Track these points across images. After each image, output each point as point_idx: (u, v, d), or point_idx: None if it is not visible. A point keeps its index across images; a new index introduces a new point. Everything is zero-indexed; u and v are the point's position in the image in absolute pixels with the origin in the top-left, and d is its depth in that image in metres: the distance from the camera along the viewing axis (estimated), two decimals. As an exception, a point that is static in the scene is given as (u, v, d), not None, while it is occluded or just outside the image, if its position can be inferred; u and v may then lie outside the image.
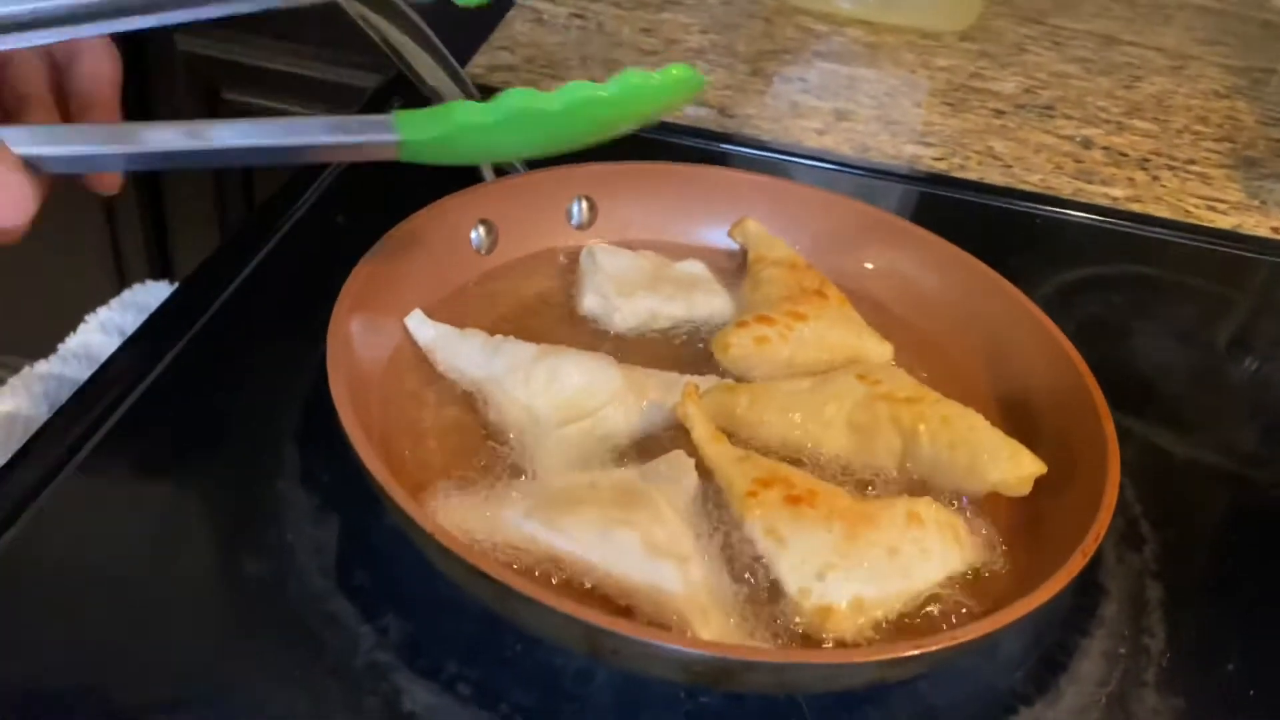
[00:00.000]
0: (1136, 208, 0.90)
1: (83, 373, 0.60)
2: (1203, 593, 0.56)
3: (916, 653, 0.41)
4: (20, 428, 0.59)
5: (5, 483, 0.50)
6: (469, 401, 0.57)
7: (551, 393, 0.56)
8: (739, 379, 0.61)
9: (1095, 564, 0.55)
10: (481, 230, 0.65)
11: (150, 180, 1.47)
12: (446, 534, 0.43)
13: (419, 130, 0.49)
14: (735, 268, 0.70)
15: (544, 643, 0.47)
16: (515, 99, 0.49)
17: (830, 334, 0.62)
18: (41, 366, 0.66)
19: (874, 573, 0.48)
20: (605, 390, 0.57)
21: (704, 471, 0.53)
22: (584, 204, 0.69)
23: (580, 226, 0.69)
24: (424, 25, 0.75)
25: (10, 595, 0.47)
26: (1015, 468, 0.54)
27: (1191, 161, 0.98)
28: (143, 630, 0.46)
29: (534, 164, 0.68)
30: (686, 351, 0.63)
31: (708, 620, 0.46)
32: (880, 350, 0.63)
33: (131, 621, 0.46)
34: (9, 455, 0.52)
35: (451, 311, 0.62)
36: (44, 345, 0.69)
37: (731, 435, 0.56)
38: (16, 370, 0.64)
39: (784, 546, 0.49)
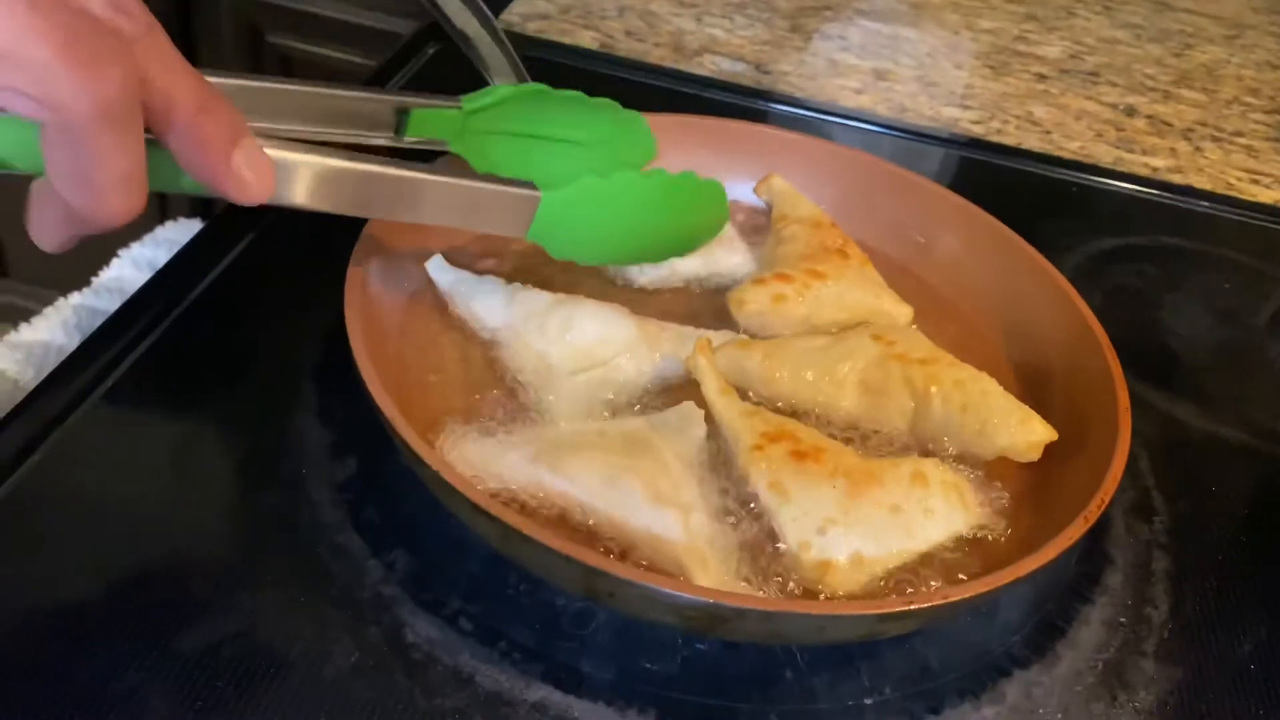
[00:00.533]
0: (1177, 179, 0.88)
1: (114, 305, 0.61)
2: (1210, 566, 0.55)
3: (908, 608, 0.41)
4: (52, 356, 0.60)
5: (33, 407, 0.52)
6: (485, 346, 0.58)
7: (565, 341, 0.57)
8: (755, 336, 0.61)
9: (1103, 532, 0.56)
10: (506, 178, 0.65)
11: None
12: (451, 470, 0.43)
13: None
14: (761, 224, 0.70)
15: (545, 584, 0.48)
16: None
17: (849, 294, 0.62)
18: (74, 298, 0.67)
19: (875, 530, 0.49)
20: (619, 340, 0.58)
21: (713, 424, 0.54)
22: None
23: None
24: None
25: (35, 515, 0.48)
26: (1025, 433, 0.53)
27: (1238, 134, 0.96)
28: (159, 552, 0.48)
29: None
30: (704, 306, 0.63)
31: (707, 569, 0.46)
32: (900, 312, 0.63)
33: (148, 544, 0.48)
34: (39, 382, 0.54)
35: (472, 258, 0.62)
36: (84, 279, 0.71)
37: (743, 391, 0.57)
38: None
39: (787, 500, 0.50)
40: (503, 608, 0.47)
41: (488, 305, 0.59)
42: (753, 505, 0.50)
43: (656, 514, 0.48)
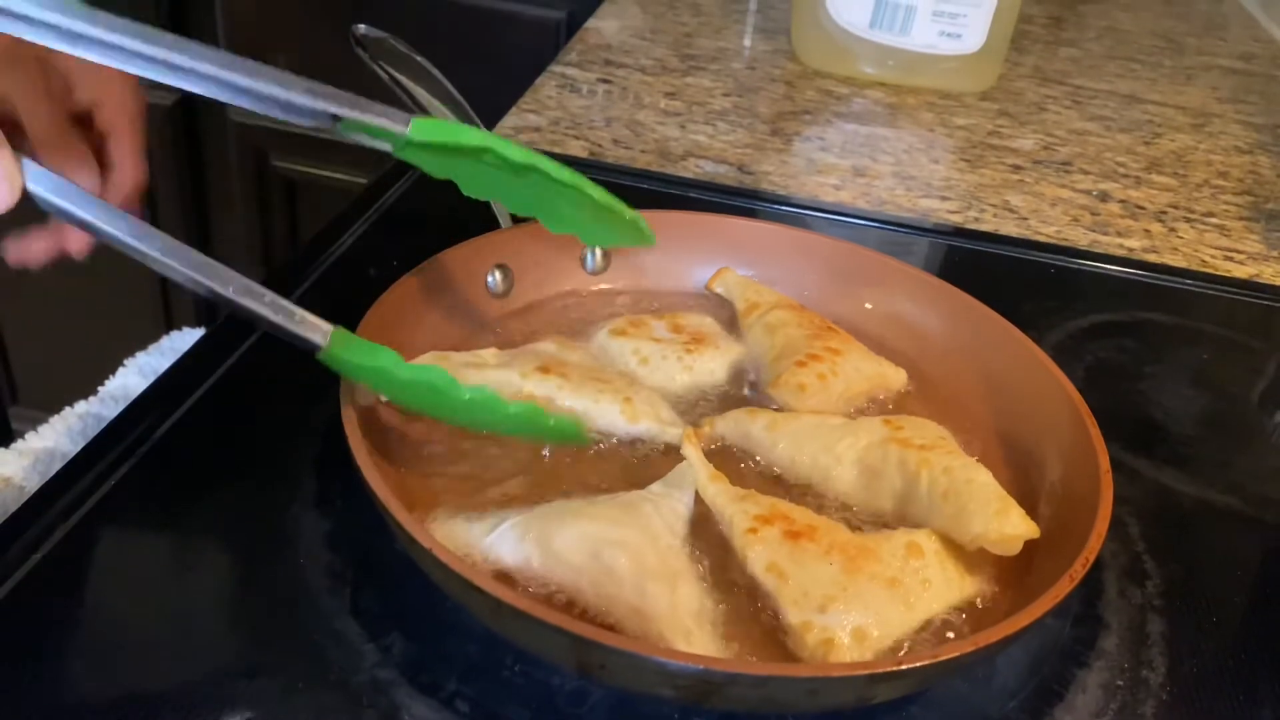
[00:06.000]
0: (1152, 258, 0.90)
1: (118, 412, 0.63)
2: (1206, 629, 0.55)
3: (899, 668, 0.42)
4: (58, 462, 0.62)
5: (36, 508, 0.53)
6: (479, 435, 0.59)
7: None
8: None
9: (1096, 597, 0.56)
10: (498, 274, 0.68)
11: (199, 228, 1.54)
12: (442, 548, 0.44)
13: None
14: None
15: (541, 663, 0.48)
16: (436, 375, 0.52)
17: (862, 364, 0.65)
18: (80, 406, 0.69)
19: (875, 604, 0.49)
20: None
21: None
22: (599, 251, 0.71)
23: (595, 272, 0.72)
24: (454, 90, 0.79)
25: (38, 611, 0.49)
26: (1001, 523, 0.52)
27: (1210, 214, 0.99)
28: (159, 643, 0.48)
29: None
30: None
31: (690, 641, 0.47)
32: (896, 375, 0.66)
33: (148, 635, 0.49)
34: (45, 485, 0.55)
35: (467, 351, 0.64)
36: (92, 390, 0.73)
37: (743, 458, 0.59)
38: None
39: (785, 581, 0.50)
40: (499, 688, 0.47)
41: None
42: (750, 587, 0.51)
43: (640, 589, 0.48)
